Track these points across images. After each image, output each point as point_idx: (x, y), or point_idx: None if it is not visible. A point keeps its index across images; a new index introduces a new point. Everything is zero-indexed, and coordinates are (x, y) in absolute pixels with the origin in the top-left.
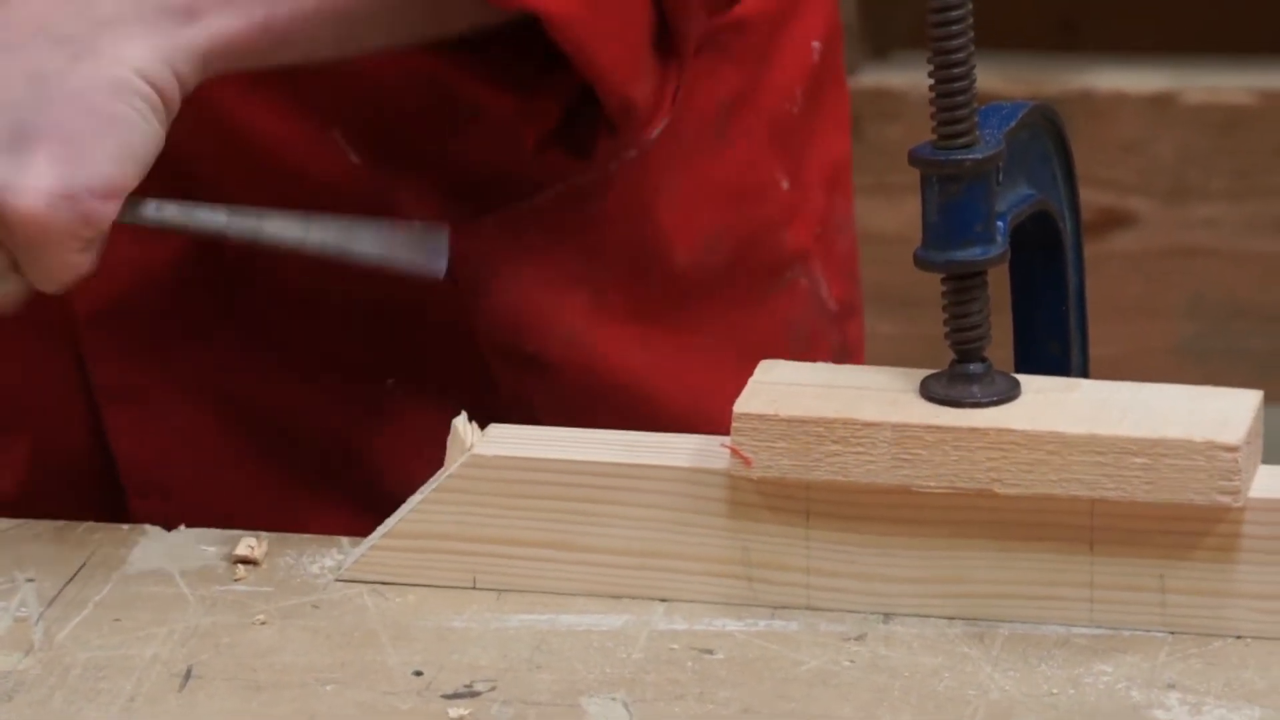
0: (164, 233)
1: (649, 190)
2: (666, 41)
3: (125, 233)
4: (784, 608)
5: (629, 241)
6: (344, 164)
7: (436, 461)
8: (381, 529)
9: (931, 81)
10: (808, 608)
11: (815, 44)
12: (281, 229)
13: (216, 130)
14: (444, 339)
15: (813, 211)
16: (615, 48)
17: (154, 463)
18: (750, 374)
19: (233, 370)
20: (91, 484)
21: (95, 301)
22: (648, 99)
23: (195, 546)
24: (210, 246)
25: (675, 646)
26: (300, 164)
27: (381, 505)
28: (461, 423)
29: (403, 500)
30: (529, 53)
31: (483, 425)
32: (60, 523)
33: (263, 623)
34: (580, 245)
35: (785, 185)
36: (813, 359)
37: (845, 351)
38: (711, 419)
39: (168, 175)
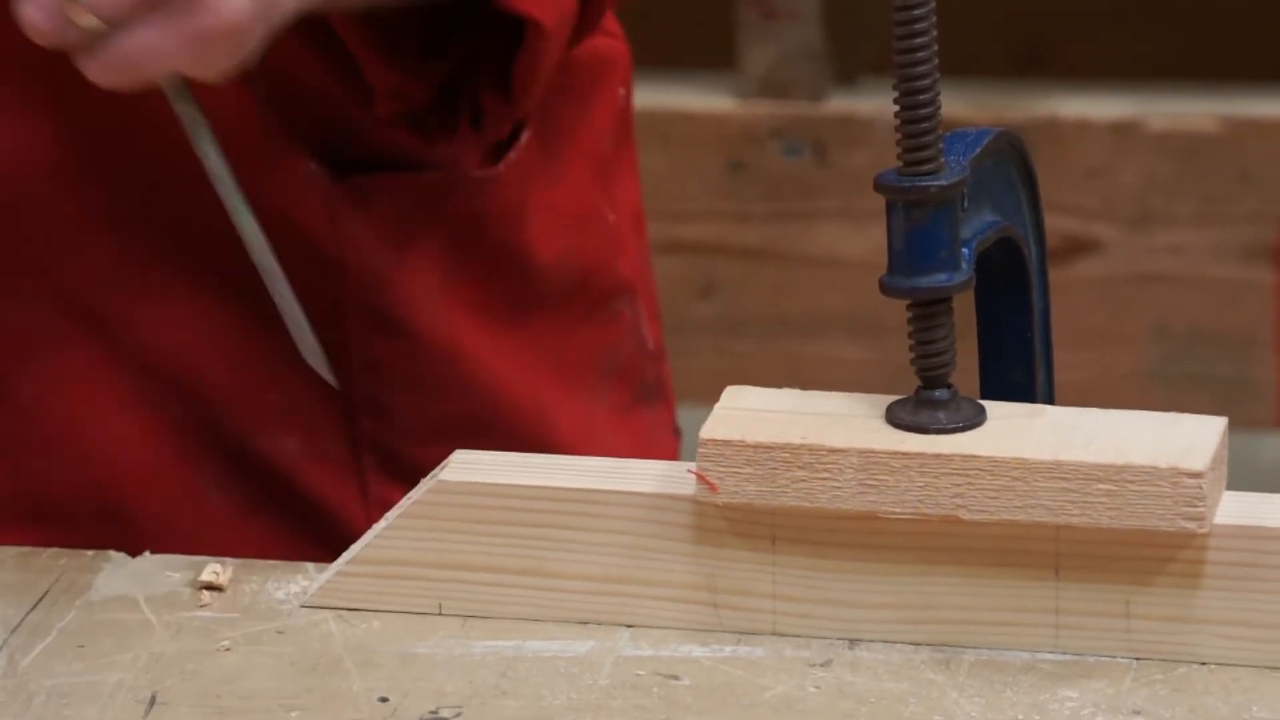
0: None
1: (520, 199)
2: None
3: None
4: (750, 633)
5: (499, 242)
6: (249, 97)
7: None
8: (347, 555)
9: (897, 108)
10: (773, 633)
11: (621, 90)
12: (243, 219)
13: None
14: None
15: (633, 249)
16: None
17: (4, 367)
18: (576, 389)
19: (92, 280)
20: None
21: None
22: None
23: (160, 573)
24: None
25: (641, 672)
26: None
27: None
28: None
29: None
30: (409, 35)
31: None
32: (25, 549)
33: (227, 649)
34: (455, 230)
35: (611, 219)
36: (622, 392)
37: (660, 391)
38: (549, 413)
39: None
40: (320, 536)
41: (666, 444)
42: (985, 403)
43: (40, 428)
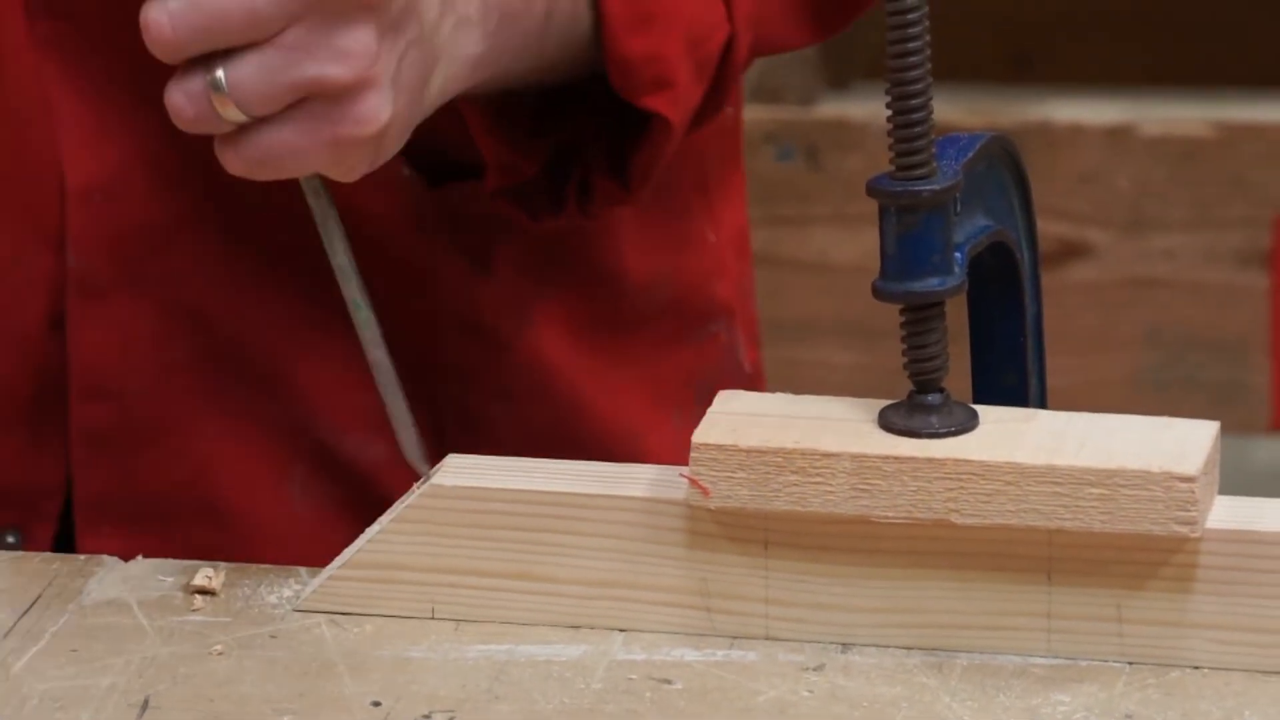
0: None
1: (616, 217)
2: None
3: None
4: (742, 638)
5: (589, 258)
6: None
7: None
8: (339, 559)
9: (889, 112)
10: (766, 638)
11: (729, 109)
12: (361, 314)
13: None
14: (402, 294)
15: (734, 271)
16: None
17: (107, 364)
18: (668, 410)
19: (192, 277)
20: (34, 380)
21: (87, 178)
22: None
23: (153, 577)
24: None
25: (634, 676)
26: None
27: (308, 434)
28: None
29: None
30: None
31: (422, 385)
32: (17, 553)
33: (220, 653)
34: (544, 244)
35: (712, 239)
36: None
37: None
38: (639, 433)
39: None
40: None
41: None
42: (978, 407)
43: (139, 425)
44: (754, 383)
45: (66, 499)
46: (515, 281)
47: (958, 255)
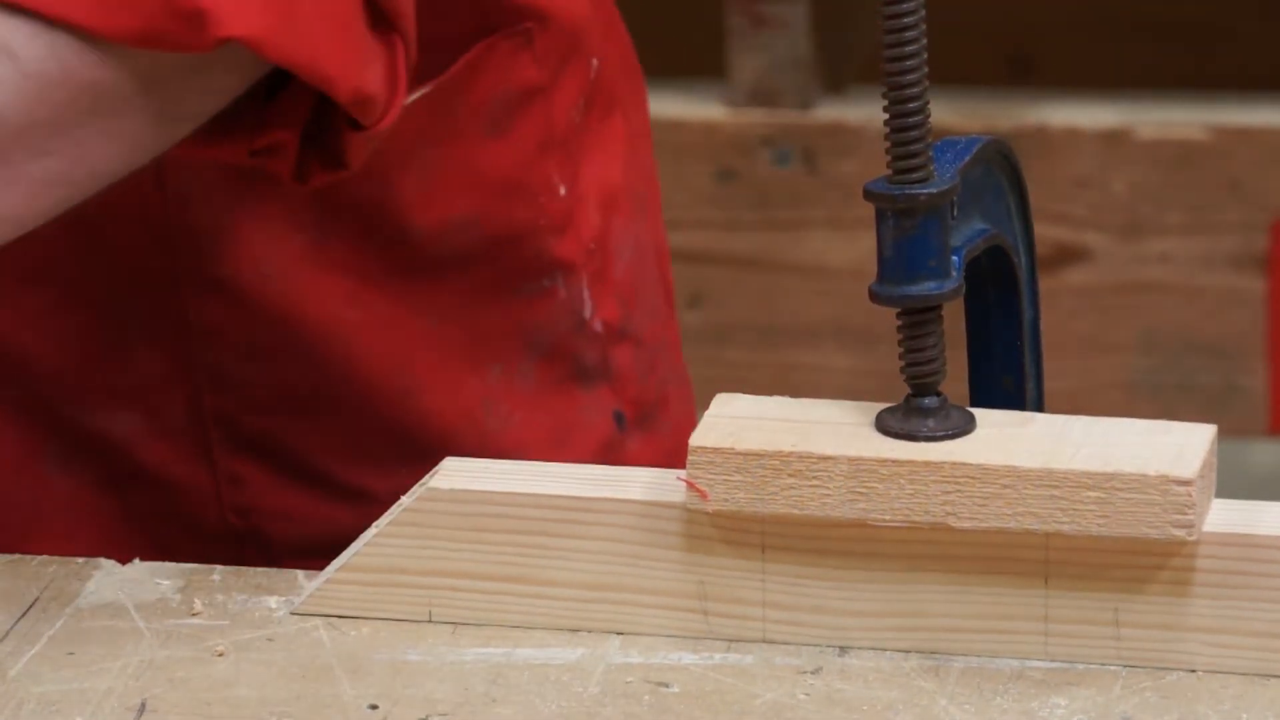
0: None
1: (394, 158)
2: (383, 20)
3: None
4: (740, 641)
5: (364, 202)
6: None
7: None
8: (337, 562)
9: (886, 116)
10: (764, 641)
11: (594, 61)
12: None
13: None
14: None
15: (587, 228)
16: (329, 47)
17: None
18: (481, 362)
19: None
20: None
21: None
22: (380, 84)
23: (150, 580)
24: None
25: (631, 680)
26: None
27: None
28: None
29: None
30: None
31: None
32: (14, 556)
33: (219, 654)
34: (318, 198)
35: (562, 192)
36: (551, 369)
37: (603, 373)
38: (413, 391)
39: None
40: (170, 512)
41: (597, 427)
42: (975, 410)
43: None
44: (602, 343)
45: None
46: (270, 235)
47: (955, 259)
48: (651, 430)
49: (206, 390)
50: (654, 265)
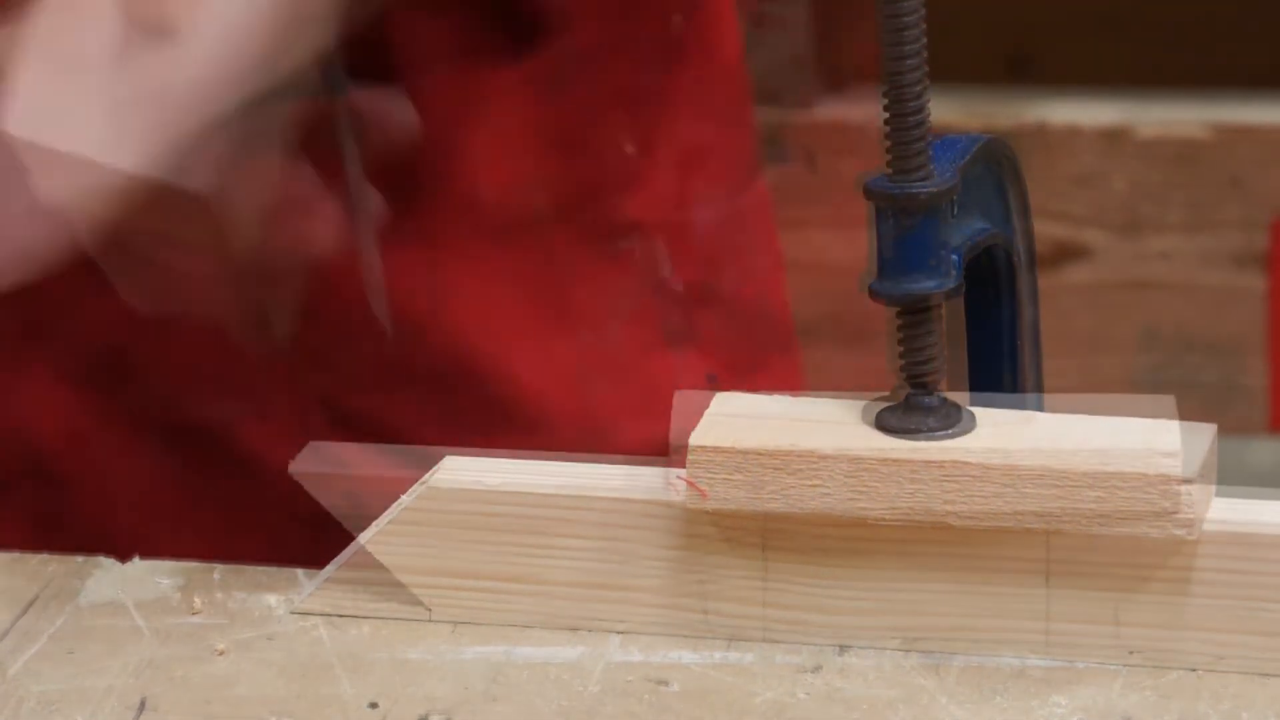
0: None
1: (460, 119)
2: None
3: None
4: (739, 639)
5: (428, 162)
6: None
7: None
8: (337, 561)
9: (885, 114)
10: (763, 639)
11: (676, 17)
12: None
13: None
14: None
15: (664, 187)
16: None
17: None
18: (567, 328)
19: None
20: None
21: None
22: None
23: (150, 578)
24: None
25: (631, 678)
26: None
27: None
28: None
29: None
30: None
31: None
32: (14, 554)
33: (219, 653)
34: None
35: (630, 151)
36: (636, 334)
37: (689, 336)
38: (505, 360)
39: None
40: (273, 498)
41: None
42: (974, 409)
43: None
44: (688, 306)
45: None
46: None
47: (954, 257)
48: None
49: (309, 370)
50: (755, 226)
